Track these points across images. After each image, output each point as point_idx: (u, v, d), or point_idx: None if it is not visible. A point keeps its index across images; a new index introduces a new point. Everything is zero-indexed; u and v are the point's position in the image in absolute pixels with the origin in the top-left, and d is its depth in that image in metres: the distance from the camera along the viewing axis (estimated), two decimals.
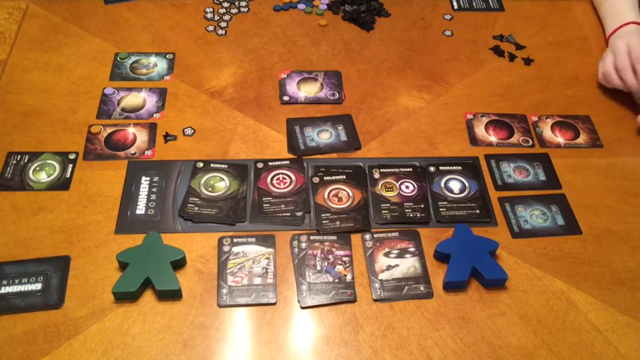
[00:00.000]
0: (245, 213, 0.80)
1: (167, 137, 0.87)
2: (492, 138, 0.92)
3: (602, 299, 0.74)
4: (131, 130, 0.88)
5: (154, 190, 0.81)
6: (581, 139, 0.93)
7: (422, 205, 0.82)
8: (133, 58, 0.99)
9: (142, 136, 0.88)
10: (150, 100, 0.93)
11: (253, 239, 0.77)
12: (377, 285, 0.74)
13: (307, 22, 1.09)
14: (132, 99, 0.93)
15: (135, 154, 0.85)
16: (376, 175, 0.85)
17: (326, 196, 0.82)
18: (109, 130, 0.88)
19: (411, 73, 1.01)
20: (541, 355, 0.69)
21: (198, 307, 0.71)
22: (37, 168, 0.82)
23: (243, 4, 1.11)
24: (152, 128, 0.89)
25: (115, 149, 0.86)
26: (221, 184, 0.83)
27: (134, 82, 0.95)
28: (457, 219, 0.81)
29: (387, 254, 0.77)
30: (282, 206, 0.81)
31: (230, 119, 0.91)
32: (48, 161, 0.83)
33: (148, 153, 0.86)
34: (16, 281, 0.71)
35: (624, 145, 0.92)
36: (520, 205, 0.83)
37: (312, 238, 0.78)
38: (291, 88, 0.97)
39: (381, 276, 0.75)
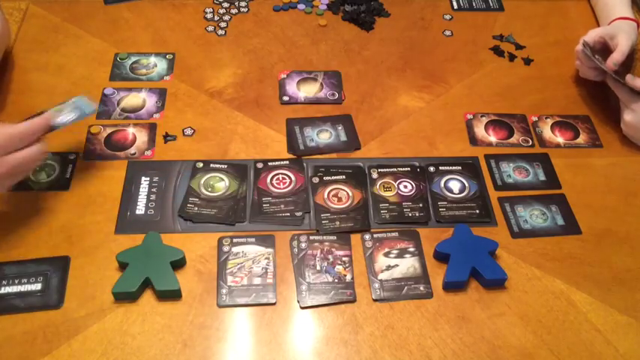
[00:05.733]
0: (245, 213, 0.80)
1: (167, 137, 0.87)
2: (492, 138, 0.92)
3: (602, 299, 0.74)
4: (131, 130, 0.88)
5: (154, 190, 0.81)
6: (581, 139, 0.93)
7: (420, 205, 0.82)
8: (133, 59, 0.99)
9: (141, 137, 0.88)
10: (150, 101, 0.93)
11: (253, 239, 0.77)
12: (376, 285, 0.74)
13: (307, 22, 1.09)
14: (132, 99, 0.93)
15: (135, 154, 0.85)
16: (374, 175, 0.85)
17: (325, 196, 0.82)
18: (109, 130, 0.88)
19: (411, 73, 1.01)
20: (541, 355, 0.69)
21: (198, 307, 0.71)
22: (37, 168, 0.82)
23: (243, 4, 1.11)
24: (152, 128, 0.89)
25: (114, 149, 0.86)
26: (221, 184, 0.83)
27: (134, 83, 0.95)
28: (457, 219, 0.81)
29: (386, 254, 0.77)
30: (282, 206, 0.81)
31: (230, 119, 0.91)
32: (48, 162, 0.83)
33: (148, 153, 0.86)
34: (16, 281, 0.71)
35: (624, 145, 0.92)
36: (520, 205, 0.83)
37: (311, 238, 0.78)
38: (291, 88, 0.97)
39: (381, 276, 0.75)
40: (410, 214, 0.81)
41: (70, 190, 0.80)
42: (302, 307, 0.72)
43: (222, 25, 1.07)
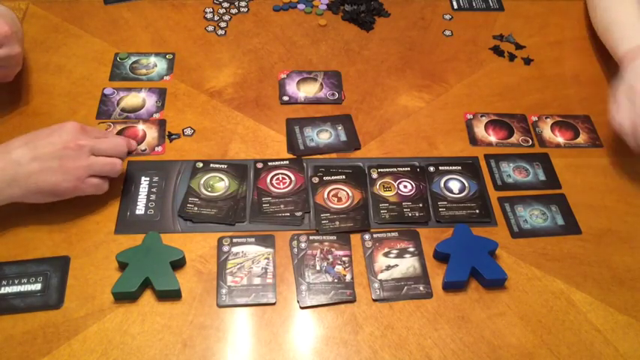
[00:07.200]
0: (244, 213, 0.80)
1: (171, 136, 0.88)
2: (492, 138, 0.92)
3: (601, 299, 0.74)
4: (140, 127, 0.88)
5: (154, 190, 0.81)
6: (581, 139, 0.93)
7: (420, 205, 0.82)
8: (133, 59, 0.99)
9: (151, 133, 0.88)
10: (149, 101, 0.93)
11: (253, 239, 0.77)
12: (376, 285, 0.74)
13: (307, 22, 1.09)
14: (131, 99, 0.93)
15: (145, 150, 0.86)
16: (374, 175, 0.85)
17: (325, 196, 0.82)
18: (119, 127, 0.88)
19: (411, 73, 1.01)
20: (541, 355, 0.69)
21: (198, 307, 0.71)
22: None
23: (242, 4, 1.11)
24: (162, 125, 0.89)
25: None
26: (220, 184, 0.83)
27: (134, 83, 0.95)
28: (457, 219, 0.81)
29: (386, 254, 0.77)
30: (282, 206, 0.81)
31: (230, 119, 0.91)
32: None
33: (158, 149, 0.86)
34: (16, 281, 0.71)
35: (624, 145, 0.92)
36: (520, 205, 0.83)
37: (311, 238, 0.78)
38: (291, 88, 0.97)
39: (381, 276, 0.75)
40: (410, 214, 0.81)
41: None
42: (302, 307, 0.72)
43: (222, 25, 1.07)
